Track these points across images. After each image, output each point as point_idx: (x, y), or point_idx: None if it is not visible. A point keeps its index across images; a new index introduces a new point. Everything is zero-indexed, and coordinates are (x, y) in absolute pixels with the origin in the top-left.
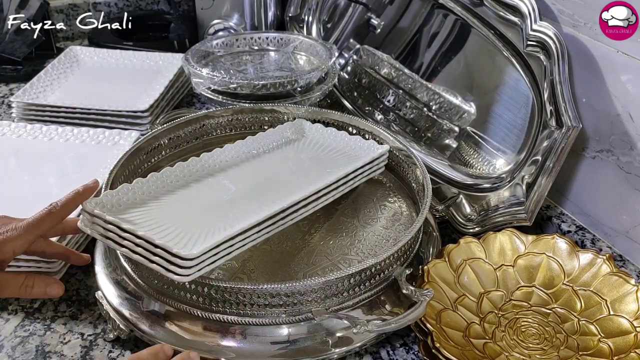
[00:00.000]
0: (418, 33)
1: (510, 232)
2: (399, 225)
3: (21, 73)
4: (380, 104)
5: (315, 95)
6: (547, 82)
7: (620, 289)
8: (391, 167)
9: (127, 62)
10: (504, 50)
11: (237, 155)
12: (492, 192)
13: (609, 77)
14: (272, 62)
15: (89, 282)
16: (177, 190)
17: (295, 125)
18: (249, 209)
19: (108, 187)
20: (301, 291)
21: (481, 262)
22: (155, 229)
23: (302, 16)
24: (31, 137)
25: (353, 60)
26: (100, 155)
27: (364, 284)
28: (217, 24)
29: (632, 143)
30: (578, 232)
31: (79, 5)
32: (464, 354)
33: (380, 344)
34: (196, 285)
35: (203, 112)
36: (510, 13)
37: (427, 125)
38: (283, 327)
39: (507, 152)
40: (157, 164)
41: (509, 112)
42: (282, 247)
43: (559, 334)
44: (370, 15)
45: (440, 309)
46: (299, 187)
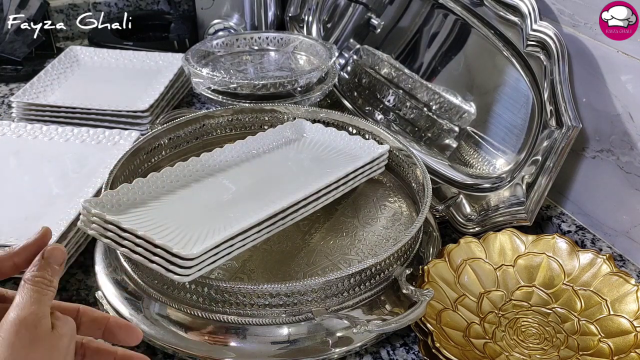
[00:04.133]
0: (418, 33)
1: (511, 232)
2: (399, 225)
3: (21, 73)
4: (380, 104)
5: (315, 95)
6: (547, 82)
7: (620, 288)
8: (391, 167)
9: (127, 62)
10: (504, 50)
11: (237, 155)
12: (492, 192)
13: (609, 77)
14: (272, 62)
15: (89, 282)
16: (177, 190)
17: (295, 125)
18: (249, 209)
19: (108, 187)
20: (301, 291)
21: (481, 262)
22: (155, 229)
23: (302, 16)
24: (31, 137)
25: (353, 60)
26: (100, 155)
27: (364, 284)
28: (217, 24)
29: (632, 143)
30: (578, 232)
31: (79, 5)
32: (464, 354)
33: (380, 344)
34: (196, 285)
35: (203, 112)
36: (510, 13)
37: (427, 125)
38: (283, 327)
39: (507, 152)
40: (157, 164)
41: (509, 112)
42: (282, 247)
43: (559, 334)
44: (370, 15)
45: (441, 309)
46: (299, 187)
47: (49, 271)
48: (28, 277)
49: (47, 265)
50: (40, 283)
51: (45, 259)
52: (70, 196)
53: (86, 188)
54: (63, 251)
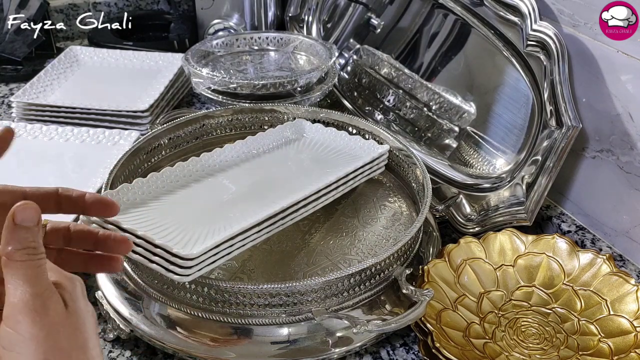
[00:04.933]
0: (418, 33)
1: (510, 232)
2: (399, 225)
3: (21, 73)
4: (380, 104)
5: (315, 95)
6: (547, 82)
7: (620, 288)
8: (391, 167)
9: (127, 62)
10: (504, 50)
11: (237, 155)
12: (492, 192)
13: (609, 77)
14: (272, 62)
15: (89, 282)
16: (177, 190)
17: (295, 125)
18: (249, 209)
19: (108, 187)
20: (301, 291)
21: (481, 262)
22: (155, 229)
23: (302, 16)
24: (31, 137)
25: (353, 60)
26: (100, 155)
27: (364, 283)
28: (217, 24)
29: (632, 143)
30: (578, 232)
31: (79, 5)
32: (464, 354)
33: (380, 344)
34: (196, 285)
35: (203, 112)
36: (510, 13)
37: (427, 125)
38: (283, 327)
39: (507, 152)
40: (157, 164)
41: (509, 112)
42: (282, 247)
43: (559, 334)
44: (370, 15)
45: (440, 309)
46: (299, 187)
47: (29, 237)
48: (9, 252)
49: (25, 230)
50: (26, 254)
51: (18, 225)
52: None
53: (86, 188)
54: (34, 208)
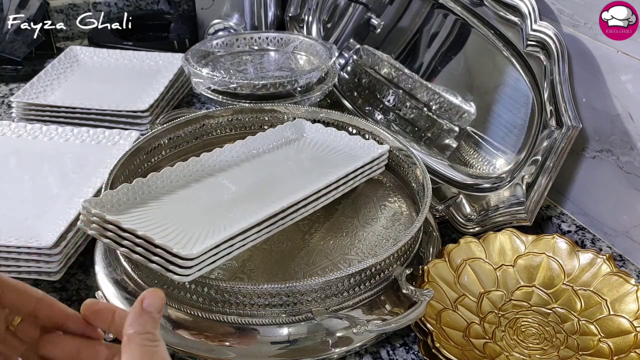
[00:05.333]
0: (418, 33)
1: (510, 232)
2: (399, 225)
3: (21, 73)
4: (380, 104)
5: (315, 95)
6: (547, 82)
7: (620, 288)
8: (391, 167)
9: (127, 62)
10: (504, 50)
11: (237, 155)
12: (492, 192)
13: (609, 77)
14: (272, 62)
15: (89, 282)
16: (177, 190)
17: (295, 125)
18: (249, 209)
19: (108, 187)
20: (301, 291)
21: (481, 262)
22: (155, 229)
23: (302, 16)
24: (31, 137)
25: (353, 60)
26: (100, 155)
27: (364, 283)
28: (217, 24)
29: (632, 143)
30: (578, 232)
31: (79, 5)
32: (464, 354)
33: (380, 344)
34: (196, 285)
35: (203, 112)
36: (510, 13)
37: (427, 125)
38: (283, 327)
39: (507, 152)
40: (157, 164)
41: (509, 112)
42: (282, 247)
43: (559, 334)
44: (370, 15)
45: (440, 309)
46: (299, 187)
47: (151, 324)
48: (132, 333)
49: (148, 316)
50: (145, 339)
51: (144, 309)
52: (70, 196)
53: (86, 188)
54: (161, 297)
